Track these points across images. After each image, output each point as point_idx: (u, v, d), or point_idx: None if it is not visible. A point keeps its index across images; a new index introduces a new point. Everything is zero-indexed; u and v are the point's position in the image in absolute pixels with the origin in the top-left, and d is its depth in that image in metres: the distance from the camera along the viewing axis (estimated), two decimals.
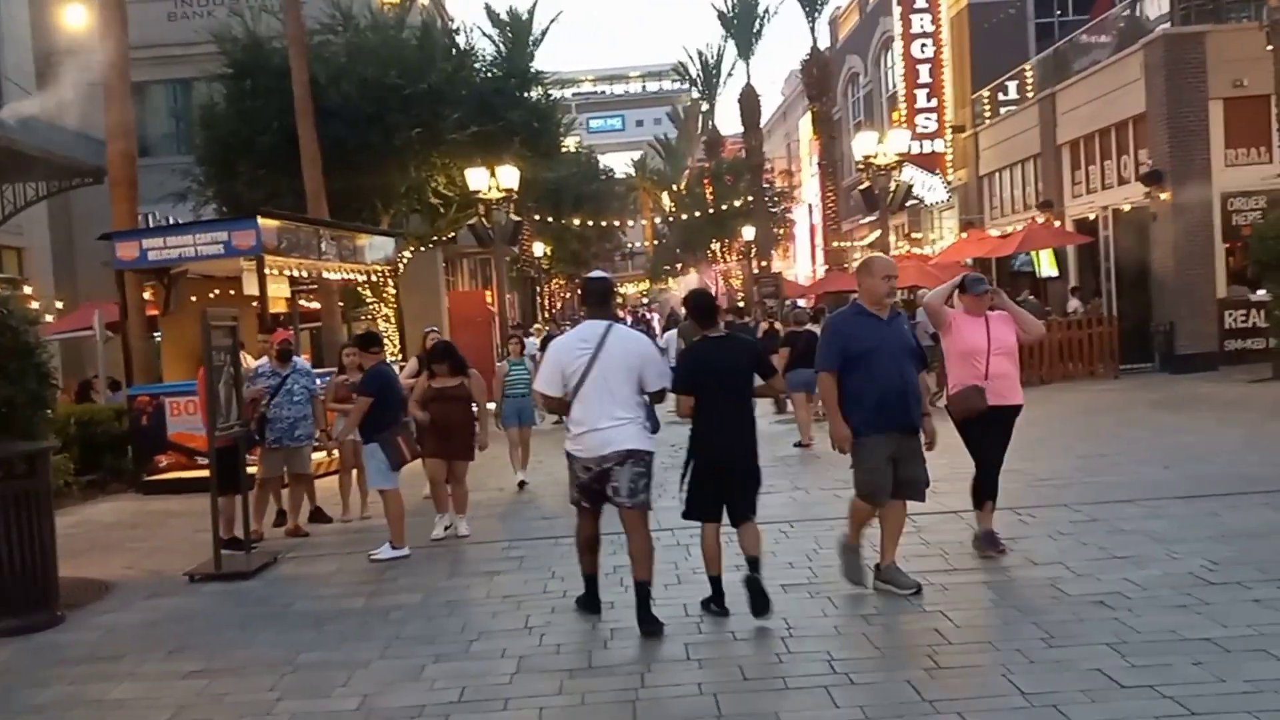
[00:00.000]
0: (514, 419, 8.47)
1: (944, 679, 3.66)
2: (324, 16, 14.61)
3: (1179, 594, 4.43)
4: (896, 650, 4.01)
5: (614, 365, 4.34)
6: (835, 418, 4.68)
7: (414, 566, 5.96)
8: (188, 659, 4.49)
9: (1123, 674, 3.57)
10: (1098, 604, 4.38)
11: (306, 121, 11.54)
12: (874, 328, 4.66)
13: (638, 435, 4.35)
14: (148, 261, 9.61)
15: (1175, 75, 13.42)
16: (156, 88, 17.80)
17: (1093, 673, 3.60)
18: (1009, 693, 3.49)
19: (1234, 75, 13.17)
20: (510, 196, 14.58)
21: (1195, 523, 5.64)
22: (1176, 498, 6.24)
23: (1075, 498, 6.50)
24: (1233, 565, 4.79)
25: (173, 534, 7.41)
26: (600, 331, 4.39)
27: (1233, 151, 13.56)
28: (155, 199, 13.99)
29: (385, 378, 6.41)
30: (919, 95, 21.37)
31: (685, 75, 38.40)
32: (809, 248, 35.19)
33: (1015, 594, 4.64)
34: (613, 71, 72.64)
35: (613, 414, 4.31)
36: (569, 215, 27.98)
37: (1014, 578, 4.90)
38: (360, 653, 4.39)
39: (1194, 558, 4.93)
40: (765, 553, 4.84)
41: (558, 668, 4.06)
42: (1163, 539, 5.34)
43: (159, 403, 9.41)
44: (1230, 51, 13.15)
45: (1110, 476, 7.19)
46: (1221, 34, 13.55)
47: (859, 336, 4.65)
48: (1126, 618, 4.17)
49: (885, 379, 4.58)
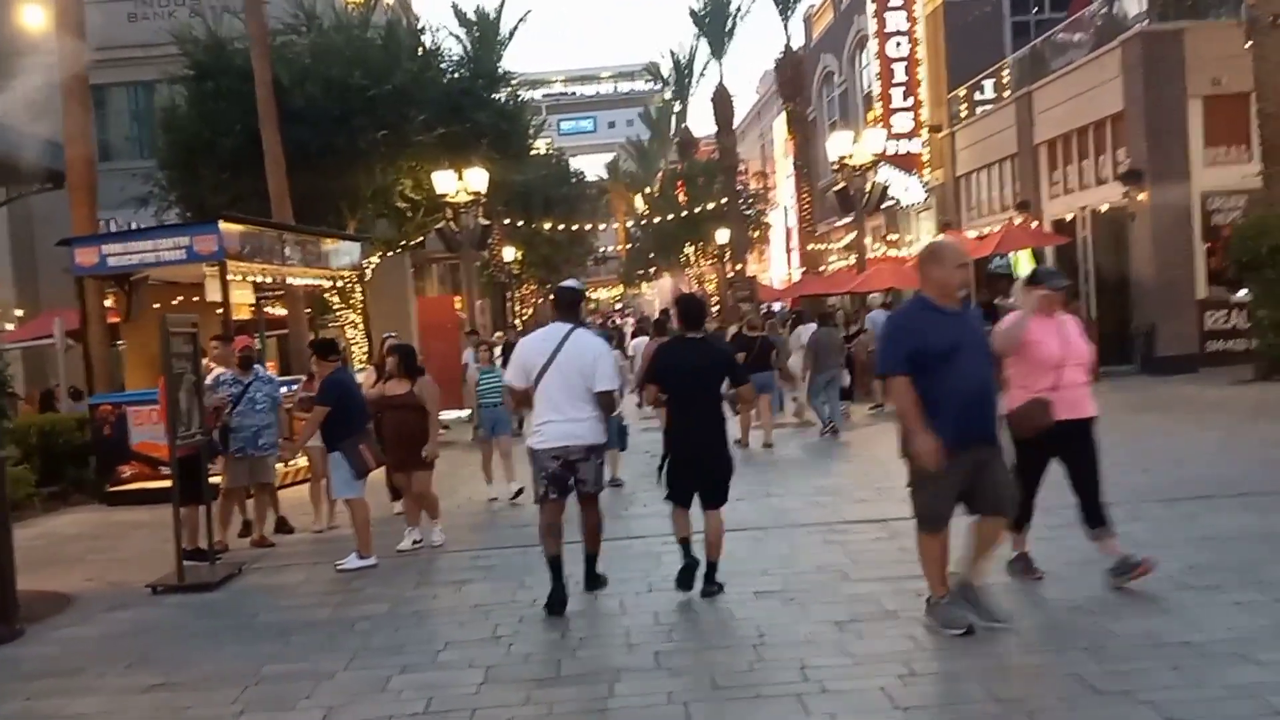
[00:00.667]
0: (489, 429, 8.25)
1: (918, 686, 3.61)
2: (287, 17, 14.35)
3: (1157, 598, 4.40)
4: (870, 657, 3.93)
5: (571, 365, 4.81)
6: (919, 427, 3.96)
7: (381, 576, 5.91)
8: (149, 672, 4.42)
9: (1099, 679, 3.52)
10: (1075, 609, 4.35)
11: (270, 124, 11.30)
12: (950, 324, 4.04)
13: (596, 431, 4.87)
14: (108, 268, 9.45)
15: (1153, 73, 13.42)
16: (117, 90, 17.35)
17: (1069, 678, 3.55)
18: (982, 699, 3.44)
19: (1213, 73, 13.17)
20: (479, 200, 14.36)
21: (1174, 526, 5.63)
22: (1156, 501, 6.22)
23: (1052, 501, 6.32)
24: (1211, 569, 4.77)
25: (136, 545, 7.37)
26: (563, 333, 4.89)
27: (1212, 150, 13.59)
28: (116, 204, 13.74)
29: (343, 385, 6.35)
30: (894, 94, 21.35)
31: (657, 75, 38.41)
32: (784, 251, 35.21)
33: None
34: (583, 72, 72.48)
35: (570, 409, 4.79)
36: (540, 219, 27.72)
37: (991, 583, 4.73)
38: (326, 664, 4.34)
39: (1173, 561, 4.87)
40: (739, 559, 5.31)
41: (526, 677, 4.01)
42: (1142, 543, 5.21)
43: (121, 412, 9.34)
44: (1209, 49, 13.15)
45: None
46: (1200, 31, 13.57)
47: (934, 334, 3.99)
48: (1105, 622, 4.14)
49: (968, 383, 3.96)
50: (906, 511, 6.30)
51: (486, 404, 8.16)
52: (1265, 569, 4.69)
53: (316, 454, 7.06)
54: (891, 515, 6.35)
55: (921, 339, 4.01)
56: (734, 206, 30.10)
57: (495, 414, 8.16)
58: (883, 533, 5.99)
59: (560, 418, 4.77)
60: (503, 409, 8.05)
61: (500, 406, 8.00)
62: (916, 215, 23.14)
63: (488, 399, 8.15)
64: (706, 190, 32.26)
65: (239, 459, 6.91)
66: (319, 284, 11.69)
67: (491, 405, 8.12)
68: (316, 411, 6.21)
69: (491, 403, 8.11)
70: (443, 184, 13.92)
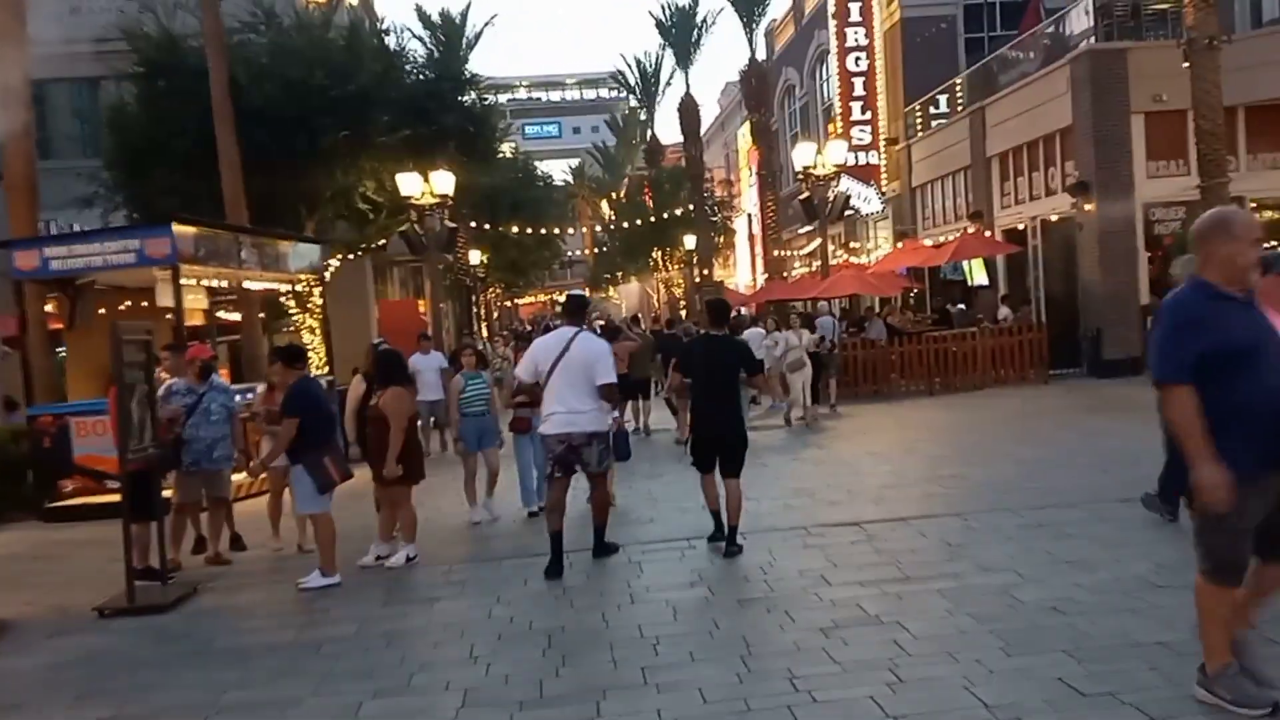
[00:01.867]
0: (474, 441, 7.37)
1: (906, 693, 3.61)
2: (244, 14, 14.03)
3: (1129, 598, 4.47)
4: (857, 665, 3.92)
5: (575, 363, 5.55)
6: (1205, 455, 3.02)
7: (347, 595, 5.67)
8: (97, 705, 4.15)
9: (1082, 681, 3.56)
10: (1051, 610, 4.39)
11: (225, 124, 11.08)
12: (1245, 316, 3.08)
13: (597, 420, 5.64)
14: (50, 271, 9.09)
15: (1099, 90, 13.88)
16: (59, 86, 16.74)
17: (1054, 681, 3.59)
18: (972, 705, 3.45)
19: (1154, 91, 13.69)
20: (445, 203, 14.23)
21: (1137, 525, 5.73)
22: (1117, 500, 6.33)
23: (1019, 502, 6.56)
24: (1177, 568, 4.83)
25: (80, 565, 7.00)
26: (569, 335, 5.67)
27: (1154, 164, 14.09)
28: (59, 204, 13.22)
29: (310, 395, 6.09)
30: (854, 108, 21.75)
31: (623, 83, 38.44)
32: (749, 256, 35.51)
33: (970, 602, 4.60)
34: (549, 78, 72.33)
35: (575, 401, 5.53)
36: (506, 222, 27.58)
37: (968, 585, 4.87)
38: (290, 690, 4.14)
39: (1140, 561, 4.99)
40: (720, 566, 5.61)
41: (507, 700, 3.87)
42: (1108, 542, 5.40)
43: (64, 423, 8.92)
44: (1150, 68, 13.67)
45: (1050, 480, 7.30)
46: (1142, 51, 14.09)
47: (1229, 329, 3.04)
48: (1081, 623, 4.19)
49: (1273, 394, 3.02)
50: (881, 513, 6.52)
51: (471, 414, 7.36)
52: None
53: (277, 468, 6.70)
54: (866, 518, 6.45)
55: (1217, 336, 3.03)
56: (700, 213, 30.31)
57: (481, 424, 7.37)
58: (859, 535, 6.03)
59: (565, 409, 5.53)
60: (489, 418, 7.39)
61: (487, 416, 7.38)
62: (875, 224, 23.56)
63: (473, 408, 7.37)
64: (673, 196, 32.44)
65: (193, 473, 6.64)
66: (276, 288, 11.50)
67: (477, 415, 7.35)
68: (286, 425, 5.89)
69: (477, 412, 7.36)
70: (407, 186, 13.78)
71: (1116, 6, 14.95)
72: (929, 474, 7.90)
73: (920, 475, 7.87)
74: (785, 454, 10.02)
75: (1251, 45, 13.79)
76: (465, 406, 7.38)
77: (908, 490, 7.37)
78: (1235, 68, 12.65)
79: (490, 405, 7.54)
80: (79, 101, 17.47)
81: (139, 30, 13.33)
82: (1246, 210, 3.85)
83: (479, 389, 7.46)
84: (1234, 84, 12.64)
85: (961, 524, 6.10)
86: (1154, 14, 15.09)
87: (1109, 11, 14.93)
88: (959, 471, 7.93)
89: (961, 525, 6.07)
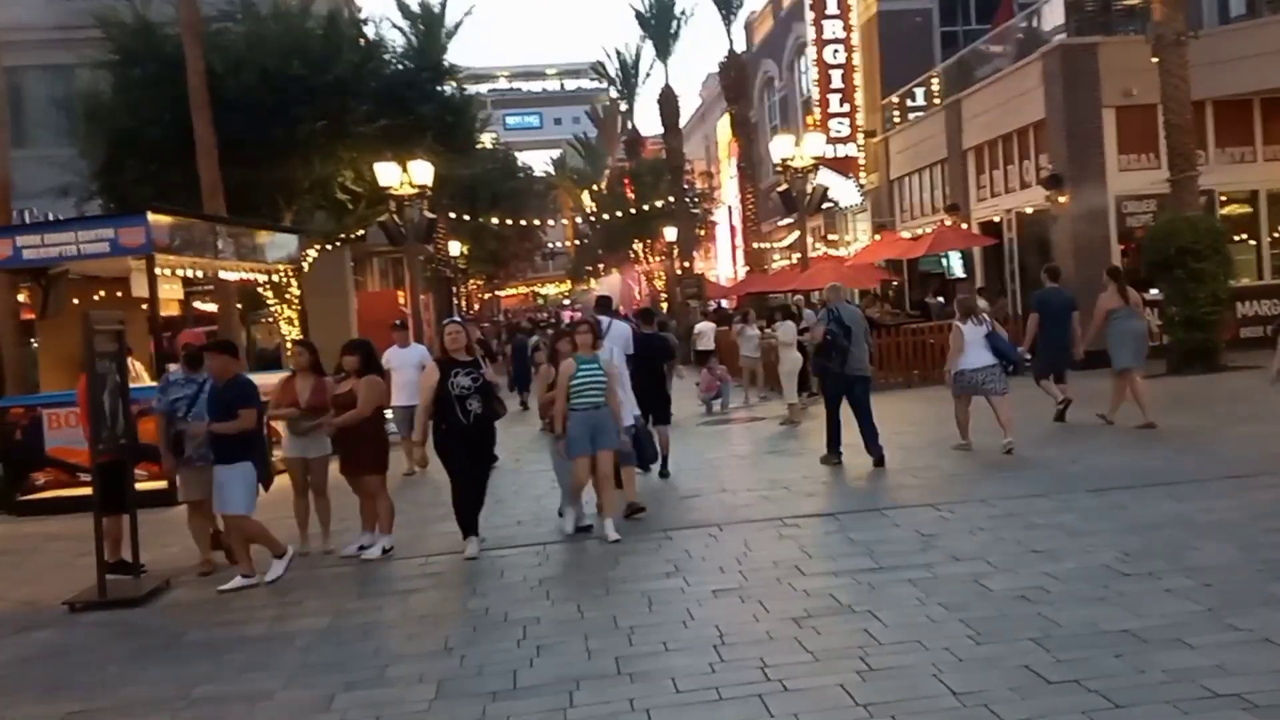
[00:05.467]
0: (586, 442, 6.04)
1: (876, 681, 3.66)
2: (221, 3, 13.87)
3: (1096, 586, 4.56)
4: (828, 654, 3.98)
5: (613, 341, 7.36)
6: None
7: (320, 587, 5.64)
8: (66, 699, 4.12)
9: (1049, 669, 3.63)
10: (1020, 599, 4.47)
11: (202, 113, 10.95)
12: None
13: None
14: (22, 260, 8.95)
15: (1071, 84, 14.03)
16: (33, 73, 16.44)
17: (1020, 669, 3.65)
18: (940, 693, 3.51)
19: (1124, 85, 13.85)
20: (424, 193, 14.16)
21: (1104, 515, 5.84)
22: (1085, 491, 6.46)
23: (990, 492, 6.68)
24: (1142, 556, 4.96)
25: (50, 559, 6.92)
26: (607, 322, 7.55)
27: (1125, 157, 14.28)
28: (32, 194, 13.03)
29: (255, 388, 5.86)
30: (832, 100, 21.83)
31: (603, 74, 38.29)
32: (729, 249, 35.59)
33: (941, 591, 4.68)
34: (529, 69, 71.89)
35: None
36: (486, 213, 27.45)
37: (938, 574, 4.95)
38: (262, 683, 4.12)
39: (1106, 550, 5.09)
40: (696, 557, 5.67)
41: (480, 690, 3.88)
42: (1076, 532, 5.51)
43: (36, 415, 8.81)
44: (1120, 62, 13.82)
45: (1020, 470, 7.42)
46: (1112, 46, 14.26)
47: None
48: (1048, 611, 4.26)
49: None
50: (855, 504, 6.64)
51: (583, 405, 6.05)
52: (1190, 555, 4.90)
53: (297, 465, 6.29)
54: (841, 509, 6.55)
55: None
56: (681, 205, 30.33)
57: (596, 418, 6.07)
58: (833, 526, 6.11)
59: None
60: (605, 412, 6.13)
61: (604, 408, 6.13)
62: (853, 217, 23.70)
63: (586, 397, 6.05)
64: (654, 188, 32.42)
65: (196, 468, 6.05)
66: (253, 278, 11.41)
67: (591, 407, 6.08)
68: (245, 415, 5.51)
69: (591, 403, 6.07)
70: (386, 176, 13.70)
71: (1087, 2, 15.14)
72: (904, 465, 8.00)
73: (895, 466, 7.96)
74: (763, 447, 10.13)
75: (1219, 41, 13.98)
76: (576, 396, 6.08)
77: (883, 481, 7.48)
78: (1203, 63, 12.84)
79: (607, 395, 6.21)
80: (54, 89, 17.15)
81: (115, 18, 13.13)
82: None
83: (593, 374, 6.10)
84: (1202, 79, 12.82)
85: (935, 514, 6.19)
86: (1124, 9, 15.29)
87: (1080, 7, 15.12)
88: (932, 462, 8.05)
89: (935, 515, 6.16)
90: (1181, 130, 12.62)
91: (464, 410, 5.82)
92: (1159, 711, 3.24)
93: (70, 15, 15.21)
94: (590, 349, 6.22)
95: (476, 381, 5.91)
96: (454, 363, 5.93)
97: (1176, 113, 12.55)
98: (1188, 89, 12.51)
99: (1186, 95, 12.53)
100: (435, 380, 5.88)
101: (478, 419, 5.89)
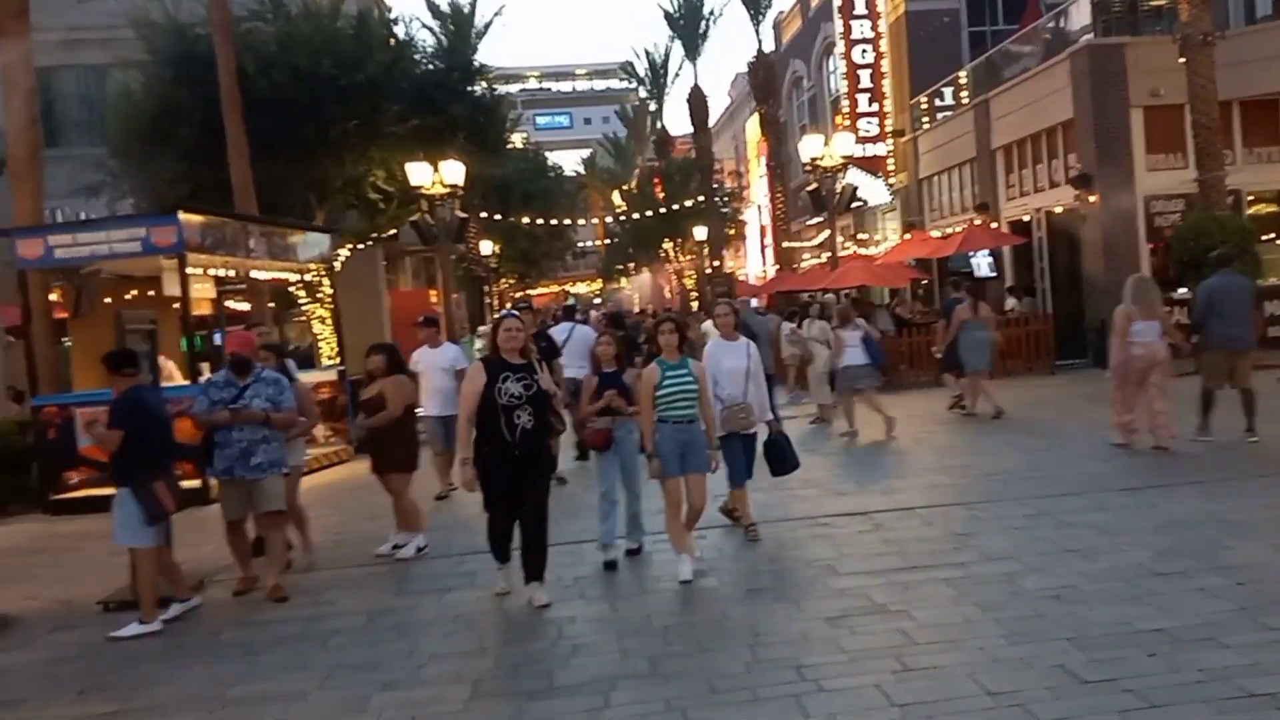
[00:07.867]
0: (676, 463, 5.15)
1: (911, 681, 3.65)
2: (252, 3, 14.08)
3: (1129, 586, 4.51)
4: (863, 654, 3.96)
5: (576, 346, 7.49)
6: None
7: (355, 586, 5.61)
8: (101, 699, 4.12)
9: (1084, 669, 3.61)
10: (1054, 598, 4.43)
11: (234, 113, 11.08)
12: None
13: None
14: (55, 260, 8.89)
15: (1099, 84, 13.89)
16: (66, 73, 16.76)
17: (1055, 669, 3.63)
18: (976, 693, 3.49)
19: (1152, 85, 13.70)
20: (455, 192, 14.26)
21: (1136, 514, 5.78)
22: (1117, 490, 6.39)
23: (1023, 491, 6.62)
24: (1175, 555, 4.91)
25: (84, 558, 6.95)
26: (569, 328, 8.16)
27: (1153, 157, 14.11)
28: (64, 193, 13.20)
29: (141, 406, 5.11)
30: (860, 99, 21.68)
31: (632, 74, 38.32)
32: (759, 248, 35.44)
33: (974, 591, 4.65)
34: (559, 69, 72.15)
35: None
36: (517, 213, 27.60)
37: (971, 574, 4.92)
38: (297, 683, 4.12)
39: (1139, 549, 5.04)
40: (729, 556, 5.69)
41: (516, 690, 3.87)
42: (1108, 531, 5.45)
43: (69, 414, 8.68)
44: (1147, 63, 13.69)
45: (1054, 470, 7.33)
46: (1139, 46, 14.11)
47: None
48: (1082, 611, 4.23)
49: None
50: (887, 503, 6.59)
51: (672, 418, 5.14)
52: (1223, 554, 4.85)
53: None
54: (874, 508, 6.49)
55: None
56: (711, 204, 30.26)
57: (688, 435, 5.19)
58: (866, 525, 6.05)
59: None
60: (698, 428, 5.22)
61: (696, 423, 5.22)
62: (882, 216, 23.47)
63: (676, 408, 5.14)
64: (683, 188, 32.38)
65: (231, 483, 5.49)
66: (285, 277, 11.53)
67: (683, 421, 5.17)
68: (109, 437, 4.99)
69: (682, 416, 5.16)
70: (417, 176, 13.79)
71: (1114, 2, 14.93)
72: (936, 464, 7.93)
73: (928, 465, 7.90)
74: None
75: (1245, 41, 13.78)
76: (664, 408, 5.16)
77: (915, 480, 7.41)
78: (1230, 63, 12.67)
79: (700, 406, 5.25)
80: (86, 89, 17.47)
81: (147, 18, 13.33)
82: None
83: (683, 382, 5.12)
84: (1229, 79, 12.65)
85: (968, 513, 6.14)
86: (1150, 10, 15.07)
87: (1107, 7, 14.92)
88: (966, 462, 7.97)
89: (968, 514, 6.11)
90: (1209, 130, 12.47)
91: (511, 424, 4.77)
92: (1194, 711, 3.21)
93: (102, 15, 15.47)
94: (676, 352, 5.20)
95: (530, 389, 4.85)
96: (504, 365, 4.87)
97: (1204, 112, 12.41)
98: (1215, 89, 12.38)
99: (1213, 95, 12.40)
100: (480, 385, 4.82)
101: (527, 436, 4.80)
